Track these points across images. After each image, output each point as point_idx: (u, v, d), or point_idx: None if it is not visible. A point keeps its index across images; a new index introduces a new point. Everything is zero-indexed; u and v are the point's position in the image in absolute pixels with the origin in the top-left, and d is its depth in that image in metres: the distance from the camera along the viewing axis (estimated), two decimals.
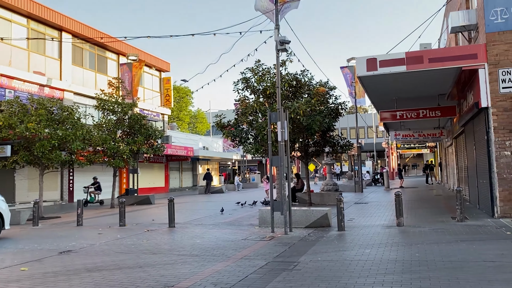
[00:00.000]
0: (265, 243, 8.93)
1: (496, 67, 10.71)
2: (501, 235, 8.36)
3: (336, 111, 16.48)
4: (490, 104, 10.73)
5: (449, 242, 7.97)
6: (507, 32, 10.66)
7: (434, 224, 10.40)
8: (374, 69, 11.54)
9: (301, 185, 18.64)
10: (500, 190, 10.56)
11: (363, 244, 8.27)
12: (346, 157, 56.09)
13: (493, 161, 10.71)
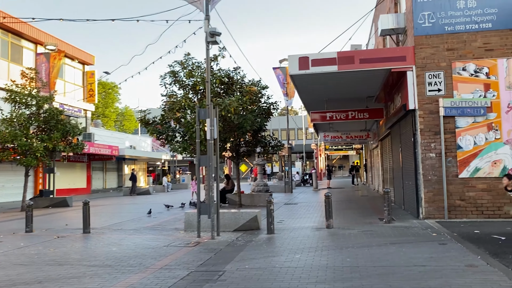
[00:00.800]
0: (190, 249, 8.22)
1: (424, 70, 10.90)
2: (428, 237, 8.37)
3: (268, 110, 16.14)
4: (417, 107, 10.89)
5: (379, 245, 7.80)
6: (433, 36, 10.89)
7: (362, 225, 10.31)
8: (306, 68, 11.27)
9: (231, 186, 18.08)
10: (425, 192, 10.74)
11: (293, 248, 7.86)
12: (277, 158, 56.61)
13: (419, 162, 10.88)
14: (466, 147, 10.60)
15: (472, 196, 10.53)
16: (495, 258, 6.48)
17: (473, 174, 10.53)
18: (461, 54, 10.77)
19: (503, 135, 10.46)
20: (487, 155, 10.50)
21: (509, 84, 10.51)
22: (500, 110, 10.52)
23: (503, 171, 10.39)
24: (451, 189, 10.61)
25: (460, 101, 10.60)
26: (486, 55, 10.66)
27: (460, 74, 10.73)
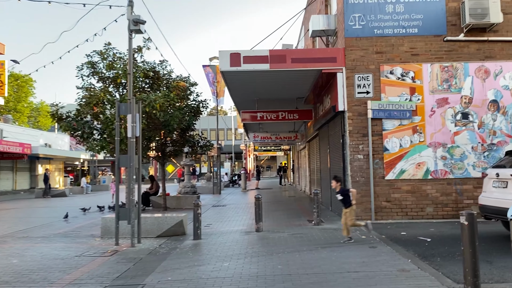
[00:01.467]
0: (106, 259, 7.36)
1: (353, 72, 10.91)
2: (357, 240, 8.26)
3: (197, 109, 15.46)
4: (346, 108, 10.87)
5: (310, 249, 7.51)
6: (363, 38, 10.95)
7: (292, 228, 10.05)
8: (237, 64, 10.81)
9: (155, 188, 17.10)
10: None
11: (221, 255, 7.32)
12: (206, 158, 55.76)
13: (348, 164, 10.87)
14: (392, 149, 10.77)
15: (398, 197, 10.72)
16: (425, 261, 6.44)
17: (399, 176, 10.73)
18: (389, 57, 10.94)
19: (427, 138, 10.77)
20: (412, 157, 10.75)
21: (432, 88, 10.85)
22: (424, 113, 10.82)
23: (426, 173, 10.70)
24: (378, 191, 10.72)
25: (387, 104, 10.75)
26: (412, 60, 10.92)
27: (388, 77, 10.89)
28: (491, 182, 7.86)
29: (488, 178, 8.01)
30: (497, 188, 7.62)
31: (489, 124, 10.74)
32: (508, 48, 10.84)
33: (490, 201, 7.66)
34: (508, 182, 7.36)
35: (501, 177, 7.54)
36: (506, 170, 7.45)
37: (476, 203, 10.52)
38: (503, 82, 10.79)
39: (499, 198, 7.43)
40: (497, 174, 7.64)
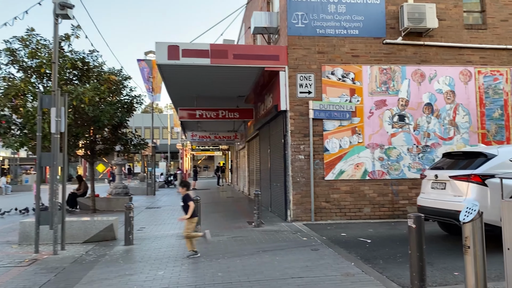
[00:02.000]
0: (22, 270, 6.50)
1: (296, 71, 10.74)
2: (299, 242, 8.04)
3: (131, 104, 14.57)
4: (288, 108, 10.68)
5: (251, 253, 7.15)
6: (306, 37, 10.81)
7: (232, 231, 9.65)
8: (176, 58, 10.21)
9: (83, 189, 15.92)
10: (293, 194, 10.57)
11: (155, 262, 6.74)
12: (139, 158, 53.81)
13: (289, 164, 10.67)
14: (332, 150, 10.74)
15: (336, 198, 10.70)
16: (368, 264, 6.32)
17: (338, 176, 10.71)
18: (330, 58, 10.90)
19: (365, 139, 10.86)
20: (351, 158, 10.78)
21: (371, 90, 10.97)
22: (363, 115, 10.90)
23: (364, 173, 10.78)
24: (317, 191, 10.63)
25: (328, 104, 10.70)
26: (352, 61, 10.96)
27: (329, 78, 10.84)
28: (430, 183, 7.99)
29: (426, 180, 8.14)
30: (435, 189, 7.74)
31: (423, 127, 11.06)
32: (442, 53, 11.24)
33: (429, 202, 7.78)
34: (446, 184, 7.49)
35: (439, 179, 7.67)
36: (445, 172, 7.59)
37: (411, 204, 10.78)
38: (437, 86, 11.17)
39: (438, 199, 7.55)
40: (435, 176, 7.77)
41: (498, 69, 11.36)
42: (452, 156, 8.00)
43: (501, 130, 11.26)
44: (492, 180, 6.85)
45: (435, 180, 7.74)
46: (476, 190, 6.87)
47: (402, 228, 9.38)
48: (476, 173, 6.92)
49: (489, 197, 6.80)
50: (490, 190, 6.81)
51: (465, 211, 3.75)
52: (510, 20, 11.48)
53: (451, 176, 7.30)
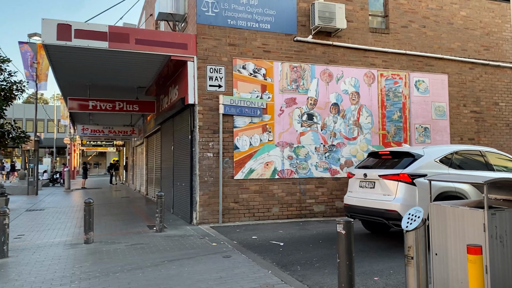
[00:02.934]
0: None
1: (205, 63, 10.01)
2: (209, 248, 7.35)
3: (9, 91, 12.53)
4: (197, 101, 9.91)
5: (155, 264, 6.29)
6: (216, 27, 10.14)
7: (130, 237, 8.60)
8: (67, 39, 8.82)
9: None
10: (200, 194, 9.84)
11: (36, 280, 5.54)
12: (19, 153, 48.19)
13: (196, 162, 9.91)
14: (242, 148, 10.23)
15: (245, 198, 10.23)
16: (285, 271, 5.88)
17: (248, 175, 10.25)
18: (242, 51, 10.37)
19: (275, 137, 10.55)
20: (261, 156, 10.39)
21: (282, 87, 10.69)
22: (274, 112, 10.58)
23: (274, 172, 10.47)
24: (226, 191, 10.04)
25: (239, 99, 10.16)
26: (264, 56, 10.57)
27: (240, 72, 10.32)
28: (358, 182, 7.93)
29: (354, 179, 8.07)
30: (364, 188, 7.70)
31: (330, 126, 11.11)
32: (349, 54, 11.40)
33: (357, 201, 7.74)
34: (376, 183, 7.46)
35: (368, 178, 7.61)
36: (374, 171, 7.57)
37: (318, 203, 10.75)
38: (344, 86, 11.30)
39: (366, 198, 7.52)
40: (364, 175, 7.70)
41: (398, 73, 11.89)
42: (378, 156, 8.02)
43: (399, 131, 11.81)
44: (420, 179, 6.95)
45: (364, 179, 7.68)
46: (405, 189, 6.92)
47: (311, 228, 9.22)
48: (406, 172, 6.96)
49: (418, 197, 6.90)
50: (419, 189, 6.91)
51: (408, 217, 3.44)
52: (410, 27, 12.10)
53: (381, 175, 7.27)
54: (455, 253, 4.10)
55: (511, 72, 13.29)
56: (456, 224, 4.07)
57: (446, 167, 7.30)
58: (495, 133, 12.90)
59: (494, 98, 13.00)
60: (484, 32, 12.98)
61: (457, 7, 12.68)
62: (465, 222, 3.96)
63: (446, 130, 12.32)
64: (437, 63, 12.36)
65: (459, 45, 12.65)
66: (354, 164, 11.23)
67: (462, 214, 4.00)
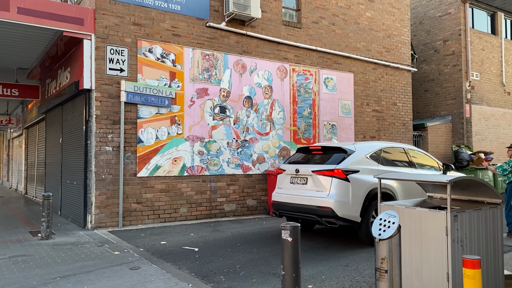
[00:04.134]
0: None
1: (105, 42, 8.68)
2: (111, 259, 6.23)
3: None
4: (94, 87, 8.54)
5: (45, 283, 5.04)
6: (119, 3, 8.87)
7: (8, 246, 7.03)
8: None
9: None
10: (96, 194, 8.52)
11: None
12: None
13: (92, 157, 8.56)
14: (147, 141, 9.13)
15: (150, 198, 9.15)
16: (209, 283, 5.10)
17: (153, 172, 9.18)
18: (148, 32, 9.24)
19: (185, 130, 9.63)
20: (169, 151, 9.39)
21: (193, 76, 9.80)
22: (183, 103, 9.64)
23: (183, 169, 9.55)
24: (128, 191, 8.86)
25: (144, 87, 9.03)
26: (173, 40, 9.57)
27: (146, 56, 9.19)
28: (289, 178, 7.41)
29: (284, 174, 7.53)
30: (296, 184, 7.21)
31: (243, 120, 10.52)
32: (263, 46, 10.93)
33: (287, 198, 7.24)
34: (308, 179, 6.99)
35: (301, 173, 7.12)
36: (307, 166, 7.11)
37: (229, 201, 10.11)
38: (257, 79, 10.79)
39: (298, 194, 7.06)
40: (296, 170, 7.19)
41: (309, 69, 11.75)
42: (309, 151, 7.60)
43: (309, 128, 11.69)
44: (353, 175, 6.67)
45: (295, 174, 7.20)
46: (339, 185, 6.58)
47: (224, 230, 8.53)
48: (340, 168, 6.60)
49: (351, 193, 6.61)
50: (352, 185, 6.62)
51: (379, 223, 2.93)
52: (320, 23, 12.04)
53: (314, 170, 6.84)
54: (410, 260, 3.73)
55: (408, 74, 14.08)
56: (412, 227, 3.69)
57: (376, 163, 7.16)
58: (393, 132, 13.55)
59: (393, 99, 13.64)
60: (386, 34, 13.53)
61: (363, 8, 13.01)
62: (424, 225, 3.59)
63: (351, 127, 12.57)
64: (344, 61, 12.53)
65: (364, 45, 12.99)
66: (266, 160, 10.80)
67: (419, 216, 3.63)
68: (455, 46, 15.95)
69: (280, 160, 11.07)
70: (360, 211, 6.66)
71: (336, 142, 8.38)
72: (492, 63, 16.82)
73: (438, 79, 16.49)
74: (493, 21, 17.17)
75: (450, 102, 16.09)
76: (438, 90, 16.49)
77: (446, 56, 16.22)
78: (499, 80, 17.10)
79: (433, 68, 16.62)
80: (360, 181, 6.74)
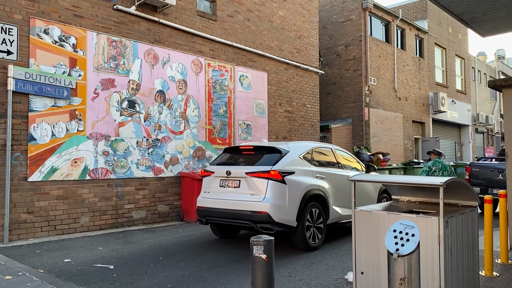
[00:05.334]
0: None
1: None
2: (1, 286, 4.89)
3: None
4: None
5: None
6: None
7: None
8: None
9: None
10: None
11: None
12: None
13: None
14: (41, 139, 7.65)
15: (44, 206, 7.68)
16: None
17: (48, 176, 7.72)
18: (44, 10, 7.77)
19: (87, 127, 8.31)
20: (67, 151, 8.00)
21: (98, 65, 8.52)
22: (86, 95, 8.32)
23: (84, 172, 8.22)
24: (16, 198, 7.31)
25: (38, 74, 7.55)
26: (75, 22, 8.20)
27: (41, 38, 7.70)
28: (218, 181, 6.63)
29: (213, 177, 6.72)
30: (227, 187, 6.48)
31: (155, 117, 9.50)
32: (176, 36, 10.02)
33: (216, 203, 6.51)
34: (241, 181, 6.30)
35: (233, 176, 6.38)
36: (240, 168, 6.41)
37: (138, 208, 9.04)
38: (170, 72, 9.85)
39: (229, 199, 6.37)
40: (228, 172, 6.44)
41: (224, 65, 11.13)
42: (238, 152, 6.91)
43: (225, 127, 11.07)
44: (290, 177, 6.17)
45: (226, 177, 6.45)
46: (276, 188, 6.03)
47: (137, 241, 7.48)
48: (276, 169, 6.03)
49: (288, 196, 6.08)
50: (289, 188, 6.10)
51: (394, 236, 2.43)
52: (236, 18, 11.51)
53: (248, 172, 6.17)
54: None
55: (316, 76, 14.27)
56: None
57: (308, 164, 6.80)
58: (303, 133, 13.59)
59: (303, 100, 13.69)
60: (297, 35, 13.52)
61: (276, 6, 12.81)
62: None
63: (265, 128, 12.26)
64: (259, 59, 12.17)
65: (277, 44, 12.79)
66: (180, 161, 9.91)
67: None
68: (356, 52, 16.69)
69: (195, 162, 10.26)
70: (296, 215, 6.24)
71: (267, 142, 7.89)
72: (387, 69, 18.01)
73: (340, 83, 17.12)
74: (387, 30, 18.41)
75: (351, 105, 16.79)
76: (340, 93, 17.12)
77: (348, 60, 16.91)
78: (392, 86, 18.38)
79: (335, 72, 17.21)
80: (296, 183, 6.32)
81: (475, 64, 28.15)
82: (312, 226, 6.56)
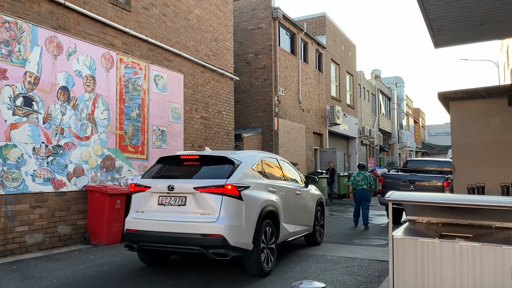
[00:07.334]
0: None
1: None
2: None
3: None
4: None
5: None
6: None
7: None
8: None
9: None
10: None
11: None
12: None
13: None
14: None
15: None
16: None
17: None
18: None
19: None
20: None
21: None
22: None
23: None
24: None
25: None
26: None
27: None
28: (156, 199, 5.34)
29: (149, 193, 5.42)
30: (169, 206, 5.26)
31: (57, 119, 7.80)
32: (85, 24, 8.45)
33: (154, 225, 5.27)
34: (188, 198, 5.14)
35: (177, 191, 5.17)
36: (186, 182, 5.27)
37: (33, 230, 7.30)
38: (77, 66, 8.24)
39: (172, 220, 5.20)
40: (170, 187, 5.20)
41: (138, 62, 9.79)
42: (179, 162, 5.77)
43: (138, 132, 9.69)
44: (246, 192, 5.23)
45: (167, 193, 5.24)
46: (231, 205, 5.10)
47: (42, 275, 5.85)
48: (232, 183, 5.04)
49: (244, 214, 5.13)
50: (245, 204, 5.17)
51: None
52: (151, 11, 10.26)
53: (198, 187, 5.06)
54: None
55: (231, 82, 13.56)
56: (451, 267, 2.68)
57: (260, 176, 5.97)
58: (219, 141, 12.74)
59: (219, 106, 12.85)
60: (213, 37, 12.69)
61: (193, 4, 11.83)
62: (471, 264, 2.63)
63: (181, 135, 11.13)
64: (175, 59, 11.03)
65: (193, 44, 11.79)
66: (85, 173, 8.30)
67: (460, 252, 2.66)
68: (265, 61, 16.42)
69: (103, 173, 8.72)
70: (253, 237, 5.37)
71: (210, 150, 6.86)
72: (293, 81, 18.11)
73: (250, 91, 16.68)
74: (292, 42, 18.57)
75: (260, 114, 16.43)
76: (250, 102, 16.66)
77: (258, 69, 16.56)
78: (297, 97, 18.55)
79: (245, 80, 16.72)
80: (252, 199, 5.46)
81: (361, 81, 30.32)
82: (266, 248, 5.75)
